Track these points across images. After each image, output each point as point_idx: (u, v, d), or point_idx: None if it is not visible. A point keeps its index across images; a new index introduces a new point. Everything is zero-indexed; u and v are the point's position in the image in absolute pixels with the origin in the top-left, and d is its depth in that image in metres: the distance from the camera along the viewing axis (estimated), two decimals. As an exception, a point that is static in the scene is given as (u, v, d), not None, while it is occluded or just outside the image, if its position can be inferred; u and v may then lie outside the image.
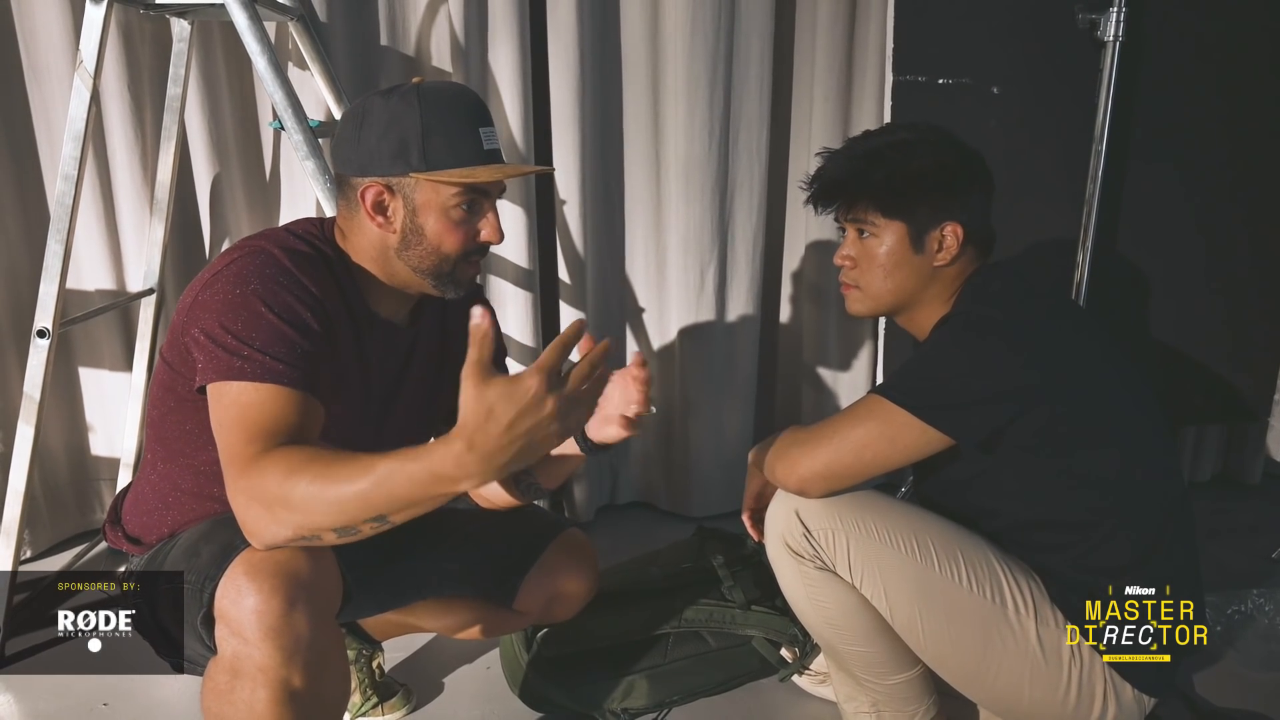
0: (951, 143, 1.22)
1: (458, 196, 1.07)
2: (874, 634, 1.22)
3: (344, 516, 0.86)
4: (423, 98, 1.05)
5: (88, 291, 1.96)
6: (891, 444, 1.13)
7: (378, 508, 0.85)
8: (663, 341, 2.17)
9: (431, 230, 1.08)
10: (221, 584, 0.93)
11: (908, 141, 1.21)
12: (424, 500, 0.85)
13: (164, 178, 1.82)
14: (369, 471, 0.85)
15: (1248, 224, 1.96)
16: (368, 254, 1.12)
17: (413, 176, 1.06)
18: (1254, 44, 1.87)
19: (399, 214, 1.08)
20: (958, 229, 1.19)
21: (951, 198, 1.19)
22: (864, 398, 1.18)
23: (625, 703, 1.47)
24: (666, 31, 1.96)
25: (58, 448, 2.02)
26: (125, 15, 1.79)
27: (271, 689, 0.91)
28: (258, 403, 0.95)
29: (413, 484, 0.84)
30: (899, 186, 1.19)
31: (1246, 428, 2.38)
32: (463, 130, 1.06)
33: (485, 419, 0.79)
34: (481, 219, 1.10)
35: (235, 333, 0.97)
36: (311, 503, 0.86)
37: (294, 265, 1.04)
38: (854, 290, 1.26)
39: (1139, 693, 1.16)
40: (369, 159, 1.06)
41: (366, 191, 1.07)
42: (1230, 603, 1.74)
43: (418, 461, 0.83)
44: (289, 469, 0.88)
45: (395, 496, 0.84)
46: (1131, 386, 1.21)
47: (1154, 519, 1.18)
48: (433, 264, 1.10)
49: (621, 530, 2.18)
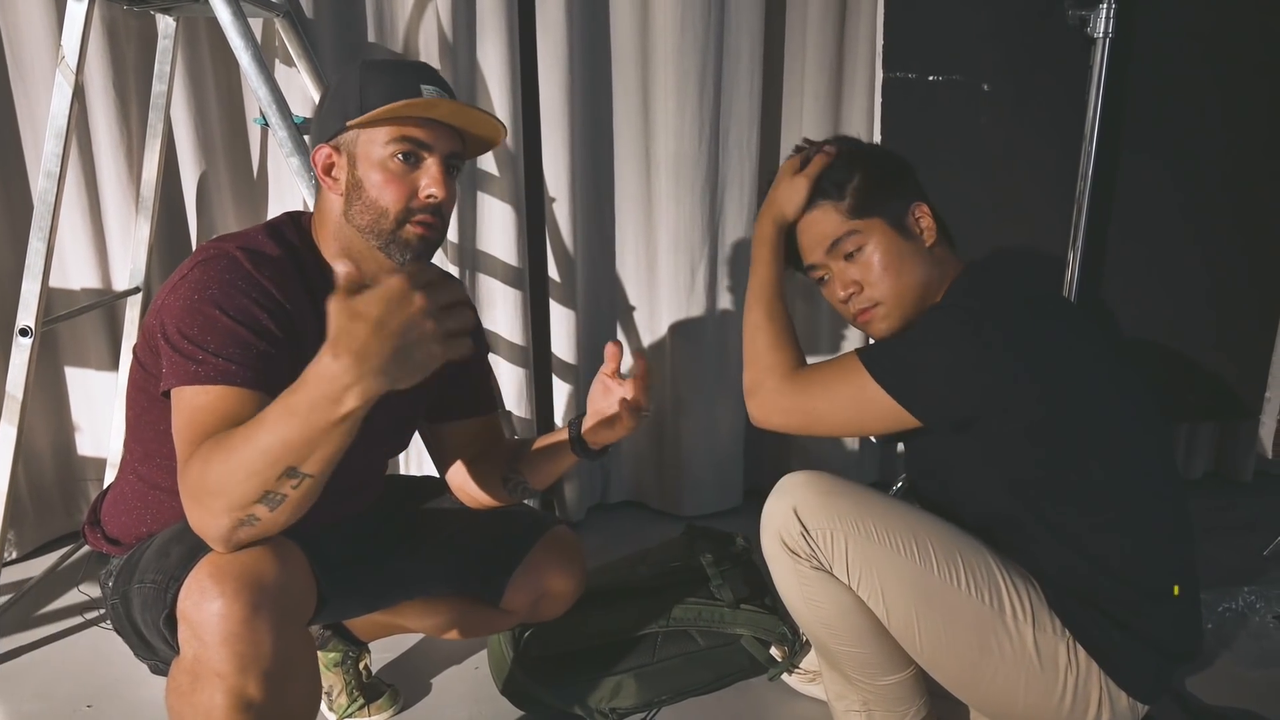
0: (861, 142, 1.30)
1: (393, 144, 1.05)
2: (868, 635, 1.21)
3: (258, 480, 0.85)
4: (366, 62, 1.10)
5: (73, 290, 1.94)
6: (860, 415, 1.17)
7: (283, 459, 0.84)
8: (654, 340, 2.16)
9: (371, 183, 1.06)
10: (185, 585, 0.92)
11: (834, 160, 1.25)
12: (319, 434, 0.83)
13: (150, 175, 1.81)
14: (258, 425, 0.84)
15: (1239, 220, 1.96)
16: (330, 232, 1.12)
17: (349, 127, 1.07)
18: (1244, 40, 1.87)
19: (343, 171, 1.09)
20: (924, 208, 1.23)
21: (902, 182, 1.24)
22: (846, 358, 1.18)
23: (613, 702, 1.46)
24: (656, 28, 1.95)
25: (44, 448, 2.01)
26: (110, 11, 1.78)
27: (228, 695, 0.90)
28: (208, 405, 0.95)
29: (296, 417, 0.82)
30: (855, 182, 1.22)
31: (1238, 425, 2.38)
32: (399, 82, 1.06)
33: (350, 320, 0.78)
34: (422, 173, 1.07)
35: (191, 338, 0.98)
36: (225, 479, 0.86)
37: (255, 267, 1.04)
38: (875, 309, 1.23)
39: (1133, 700, 1.16)
40: (321, 127, 1.10)
41: (317, 156, 1.10)
42: (1222, 600, 1.74)
43: (295, 393, 0.82)
44: (202, 459, 0.89)
45: (290, 440, 0.83)
46: (1125, 384, 1.20)
47: (1150, 519, 1.17)
48: (372, 219, 1.07)
49: (613, 529, 2.18)
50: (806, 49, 2.04)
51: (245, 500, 0.87)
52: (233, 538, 0.90)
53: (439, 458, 1.37)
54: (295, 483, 0.86)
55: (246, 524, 0.89)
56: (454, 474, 1.35)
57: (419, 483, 1.47)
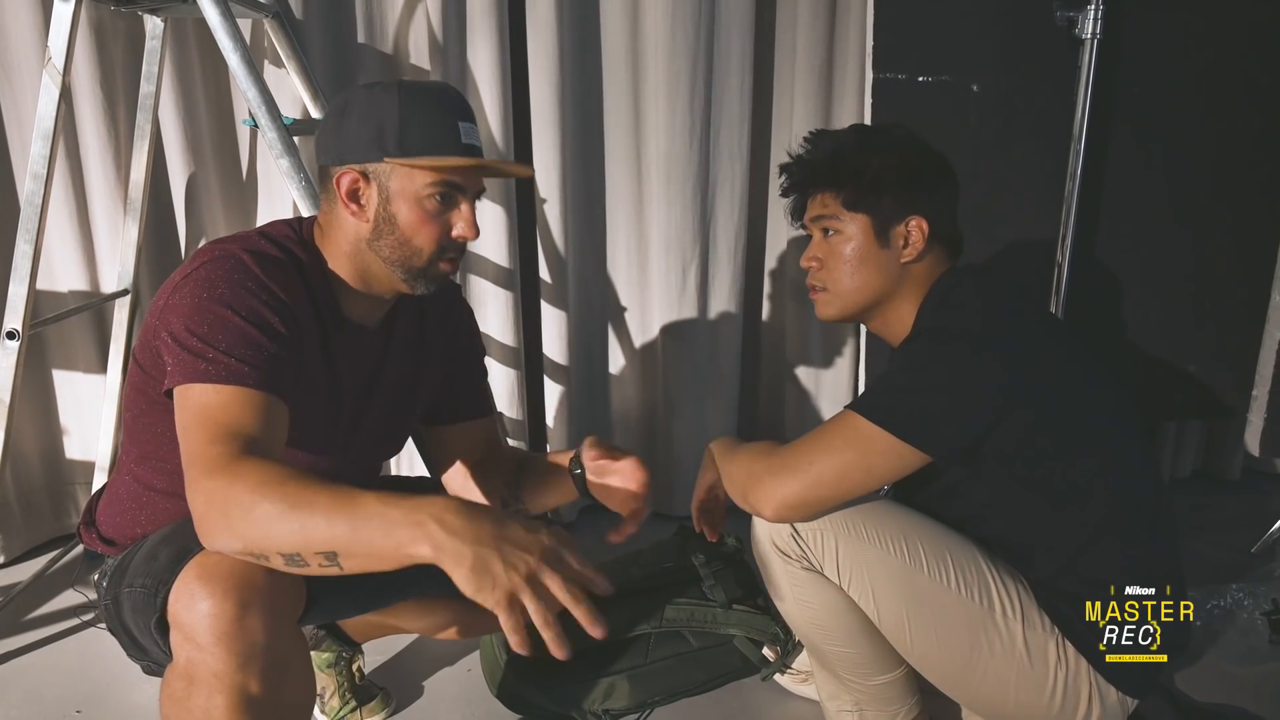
0: (915, 139, 1.23)
1: (431, 186, 1.05)
2: (859, 635, 1.21)
3: (296, 542, 0.84)
4: (403, 88, 1.06)
5: (61, 293, 1.93)
6: (868, 473, 1.11)
7: (330, 545, 0.83)
8: (645, 340, 2.16)
9: (404, 220, 1.07)
10: (174, 588, 0.92)
11: (871, 135, 1.23)
12: (377, 553, 0.83)
13: (138, 177, 1.80)
14: (328, 502, 0.83)
15: (1226, 220, 1.97)
16: (342, 249, 1.11)
17: (387, 162, 1.05)
18: (1232, 41, 1.88)
19: (372, 201, 1.07)
20: (923, 223, 1.19)
21: (915, 191, 1.19)
22: (839, 416, 1.15)
23: (606, 704, 1.46)
24: (647, 28, 1.95)
25: (32, 451, 1.99)
26: (97, 12, 1.77)
27: (227, 695, 0.90)
28: (221, 404, 0.93)
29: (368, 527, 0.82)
30: (862, 177, 1.19)
31: (1226, 423, 2.39)
32: (441, 120, 1.06)
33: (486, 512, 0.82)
34: (456, 214, 1.09)
35: (201, 335, 0.96)
36: (265, 521, 0.84)
37: (261, 270, 1.03)
38: (822, 293, 1.25)
39: (1122, 695, 1.16)
40: (346, 147, 1.06)
41: (342, 178, 1.07)
42: (1210, 598, 1.75)
43: (383, 504, 0.82)
44: (260, 483, 0.86)
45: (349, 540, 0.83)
46: (1107, 389, 1.20)
47: (1136, 524, 1.17)
48: (403, 255, 1.08)
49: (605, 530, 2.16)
50: (797, 49, 2.04)
51: (272, 548, 0.85)
52: (231, 555, 0.89)
53: (434, 461, 1.37)
54: (325, 564, 0.85)
55: (255, 558, 0.88)
56: (452, 479, 1.34)
57: (412, 484, 1.47)
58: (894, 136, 1.23)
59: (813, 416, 2.25)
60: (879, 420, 1.10)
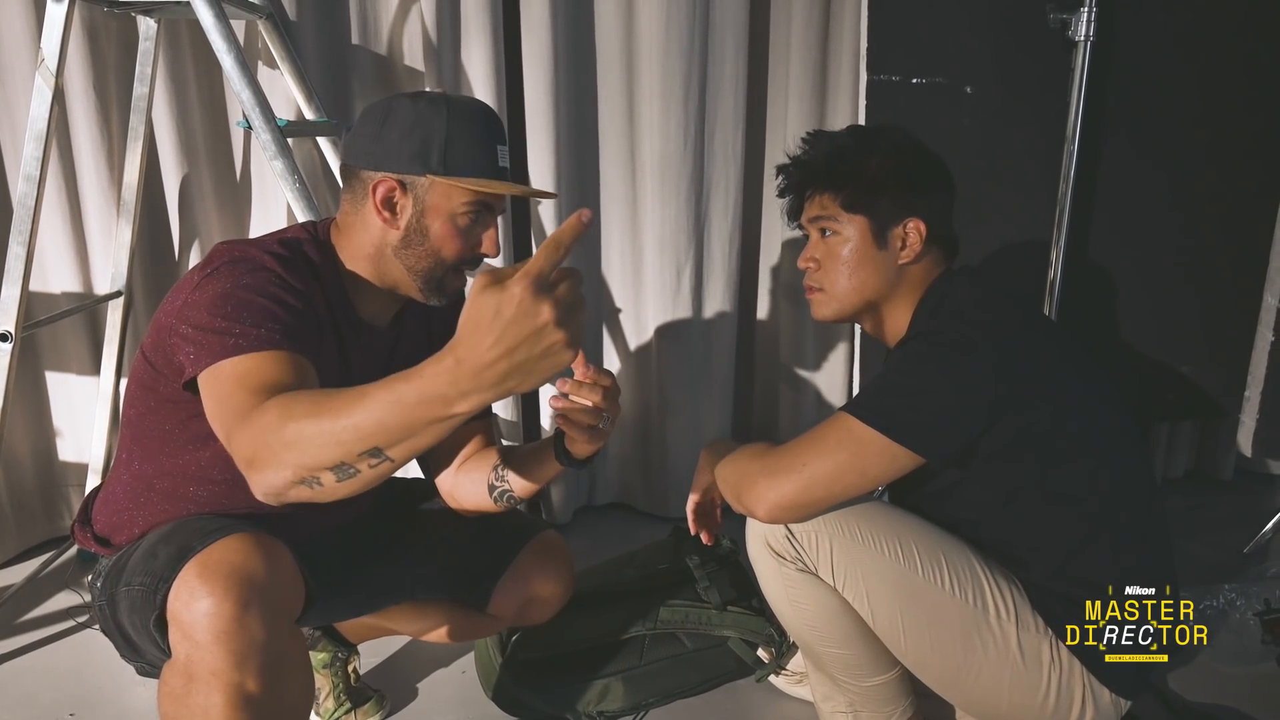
0: (913, 141, 1.23)
1: (467, 205, 1.12)
2: (853, 636, 1.21)
3: (340, 451, 0.80)
4: (450, 106, 1.10)
5: (54, 294, 1.93)
6: (862, 475, 1.11)
7: (372, 439, 0.79)
8: (640, 341, 2.16)
9: (435, 233, 1.12)
10: (174, 586, 0.92)
11: (870, 137, 1.23)
12: (419, 427, 0.78)
13: (131, 179, 1.79)
14: (357, 399, 0.80)
15: (1219, 221, 1.98)
16: (363, 250, 1.15)
17: (429, 178, 1.10)
18: (1224, 42, 1.89)
19: (406, 212, 1.12)
20: (920, 225, 1.19)
21: (913, 193, 1.20)
22: (833, 418, 1.14)
23: (601, 705, 1.46)
24: (641, 29, 1.95)
25: (24, 453, 1.99)
26: (90, 13, 1.76)
27: (226, 693, 0.90)
28: (254, 368, 0.94)
29: (404, 407, 0.77)
30: (861, 178, 1.19)
31: (1218, 424, 2.40)
32: (483, 143, 1.12)
33: (473, 330, 0.72)
34: (484, 231, 1.15)
35: (225, 316, 0.98)
36: (307, 439, 0.81)
37: (282, 269, 1.07)
38: (818, 294, 1.25)
39: (1116, 696, 1.17)
40: (387, 155, 1.10)
41: (379, 185, 1.10)
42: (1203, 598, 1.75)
43: (408, 382, 0.77)
44: (284, 408, 0.84)
45: (388, 424, 0.78)
46: (1099, 392, 1.21)
47: (1129, 525, 1.18)
48: (428, 266, 1.14)
49: (599, 531, 2.18)
50: (791, 51, 2.04)
51: (319, 464, 0.82)
52: (287, 494, 0.85)
53: (430, 463, 1.37)
54: (375, 462, 0.82)
55: (308, 484, 0.84)
56: (443, 480, 1.35)
57: (407, 485, 1.47)
58: (893, 138, 1.23)
59: (807, 418, 2.25)
60: (873, 422, 1.10)
